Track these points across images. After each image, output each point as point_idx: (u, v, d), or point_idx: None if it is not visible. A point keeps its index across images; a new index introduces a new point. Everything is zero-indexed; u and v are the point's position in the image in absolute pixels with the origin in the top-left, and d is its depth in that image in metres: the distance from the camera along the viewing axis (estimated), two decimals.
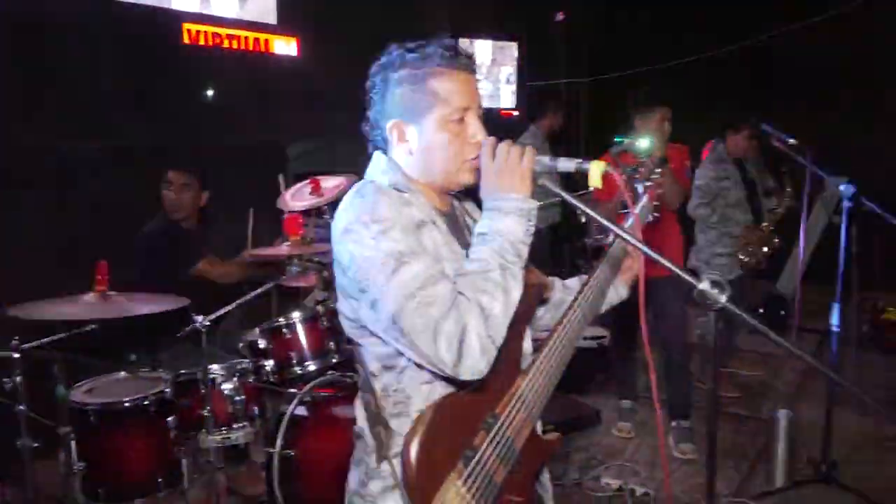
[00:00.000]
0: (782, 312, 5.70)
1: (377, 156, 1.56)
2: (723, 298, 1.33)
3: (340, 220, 1.43)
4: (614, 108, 7.67)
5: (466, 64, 1.50)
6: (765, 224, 4.51)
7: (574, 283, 1.88)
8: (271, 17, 4.87)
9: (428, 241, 1.43)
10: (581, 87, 8.23)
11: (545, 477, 1.76)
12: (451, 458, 1.42)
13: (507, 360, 1.53)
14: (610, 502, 3.36)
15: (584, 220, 4.89)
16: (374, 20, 5.42)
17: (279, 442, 2.84)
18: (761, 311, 5.76)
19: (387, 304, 1.34)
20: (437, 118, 1.47)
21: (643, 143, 2.98)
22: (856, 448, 3.74)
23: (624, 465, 3.65)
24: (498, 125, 7.13)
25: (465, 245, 1.57)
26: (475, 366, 1.32)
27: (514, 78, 7.55)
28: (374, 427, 1.52)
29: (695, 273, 4.98)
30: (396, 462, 1.44)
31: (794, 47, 6.79)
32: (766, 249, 4.46)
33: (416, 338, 1.32)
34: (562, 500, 3.36)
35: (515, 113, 7.54)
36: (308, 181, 3.69)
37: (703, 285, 1.33)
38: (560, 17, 7.90)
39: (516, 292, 1.39)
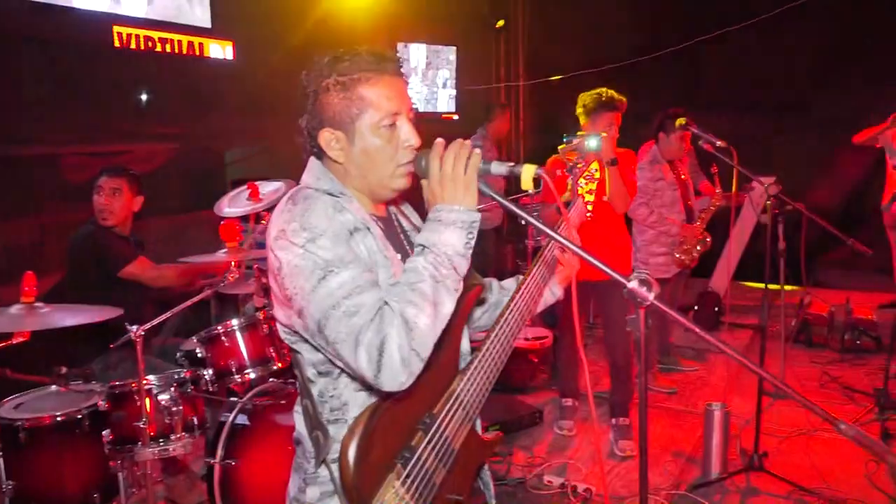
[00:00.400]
0: (716, 309, 5.88)
1: (311, 162, 1.56)
2: (651, 296, 1.36)
3: (272, 228, 1.43)
4: (550, 111, 7.85)
5: (395, 69, 1.50)
6: (697, 223, 4.65)
7: (510, 283, 1.90)
8: (206, 21, 4.78)
9: (361, 248, 1.43)
10: (518, 91, 8.32)
11: (486, 475, 1.78)
12: (389, 460, 1.43)
13: (444, 361, 1.55)
14: (553, 500, 3.41)
15: (523, 222, 4.96)
16: (312, 24, 5.40)
17: (220, 452, 2.80)
18: (696, 308, 5.93)
19: (312, 312, 1.35)
20: (368, 124, 1.47)
21: (591, 141, 2.96)
22: (785, 438, 3.89)
23: (566, 462, 3.71)
24: (437, 129, 7.19)
25: (402, 250, 1.58)
26: (395, 377, 1.30)
27: (450, 82, 7.59)
28: (312, 432, 1.52)
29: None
30: (335, 467, 1.44)
31: (723, 52, 7.01)
32: (699, 248, 4.60)
33: (340, 347, 1.33)
34: (505, 499, 3.39)
35: (455, 117, 7.59)
36: (246, 186, 3.65)
37: (632, 284, 1.37)
38: (499, 24, 7.98)
39: (448, 306, 1.37)
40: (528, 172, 1.40)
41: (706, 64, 7.22)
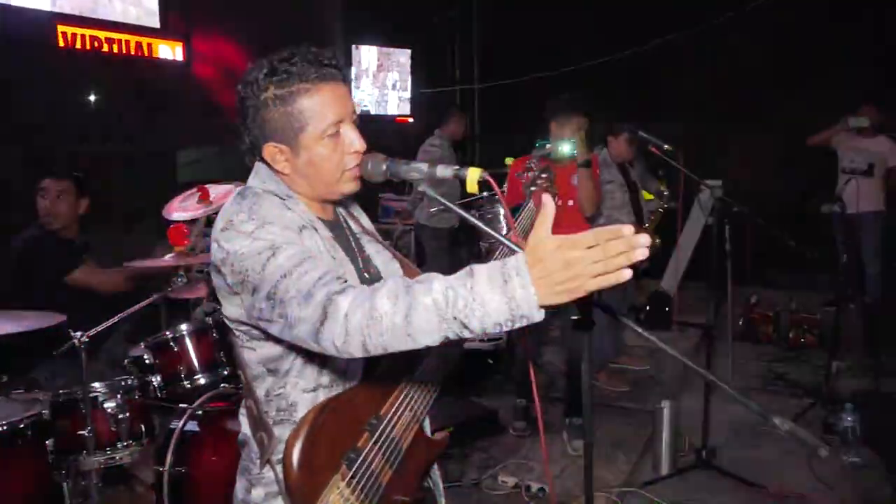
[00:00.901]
0: (667, 309, 5.99)
1: (258, 165, 1.55)
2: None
3: (219, 221, 1.42)
4: (506, 113, 7.92)
5: (334, 74, 1.47)
6: (646, 225, 4.74)
7: None
8: (154, 21, 4.70)
9: (309, 243, 1.43)
10: (473, 94, 8.36)
11: (435, 475, 1.79)
12: (334, 461, 1.43)
13: (393, 362, 1.55)
14: (507, 500, 3.44)
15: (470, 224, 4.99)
16: (264, 25, 5.34)
17: (169, 459, 2.74)
18: (647, 308, 6.03)
19: (265, 285, 1.32)
20: (311, 136, 1.45)
21: (564, 147, 2.96)
22: (733, 434, 3.99)
23: (520, 462, 3.74)
24: (393, 132, 7.21)
25: (350, 253, 1.58)
26: (334, 337, 1.19)
27: (400, 84, 7.60)
28: (256, 432, 1.51)
29: None
30: (279, 468, 1.44)
31: (676, 55, 7.15)
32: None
33: (289, 306, 1.26)
34: (460, 500, 3.41)
35: (410, 120, 7.60)
36: (196, 189, 3.59)
37: None
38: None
39: (424, 340, 1.16)
40: (473, 176, 1.41)
41: (660, 67, 7.34)
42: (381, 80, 7.40)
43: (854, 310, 5.65)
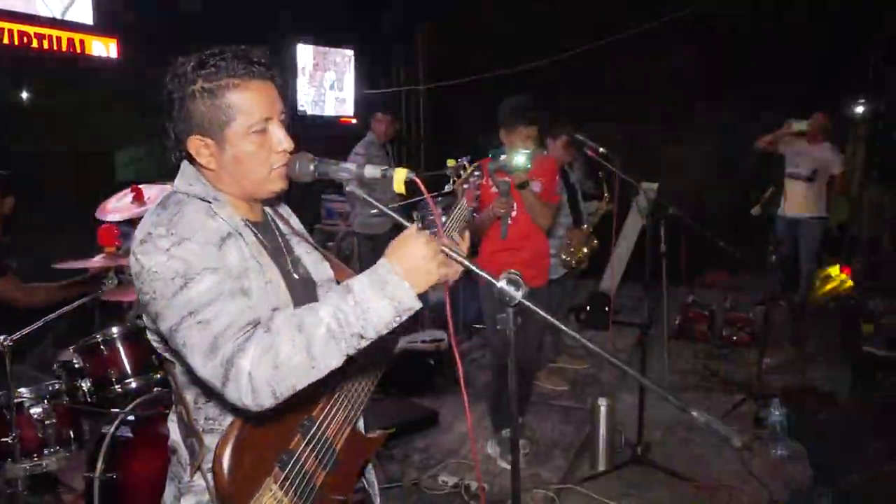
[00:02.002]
0: (605, 309, 6.10)
1: (184, 165, 1.52)
2: (519, 295, 1.41)
3: (139, 232, 1.39)
4: (452, 115, 7.96)
5: (262, 72, 1.46)
6: (585, 226, 4.82)
7: None
8: (87, 17, 4.57)
9: (232, 254, 1.41)
10: (419, 95, 8.37)
11: (371, 474, 1.79)
12: (266, 464, 1.43)
13: None
14: (447, 500, 3.46)
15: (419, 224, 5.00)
16: (201, 22, 5.26)
17: (100, 466, 2.68)
18: (587, 308, 6.14)
19: (168, 318, 1.32)
20: (238, 131, 1.44)
21: (519, 159, 2.78)
22: (667, 430, 4.09)
23: (460, 462, 3.76)
24: (337, 133, 7.16)
25: (280, 254, 1.57)
26: (239, 396, 1.26)
27: (337, 84, 7.56)
28: (186, 439, 1.49)
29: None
30: (210, 476, 1.42)
31: (615, 59, 7.28)
32: (585, 250, 4.77)
33: (191, 353, 1.30)
34: (399, 500, 3.42)
35: (354, 121, 7.57)
36: (130, 189, 3.51)
37: (501, 283, 1.42)
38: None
39: (332, 363, 1.28)
40: (399, 176, 1.42)
41: (603, 71, 7.46)
42: (318, 79, 7.34)
43: (783, 308, 5.86)
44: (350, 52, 7.61)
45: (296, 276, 1.58)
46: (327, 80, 7.44)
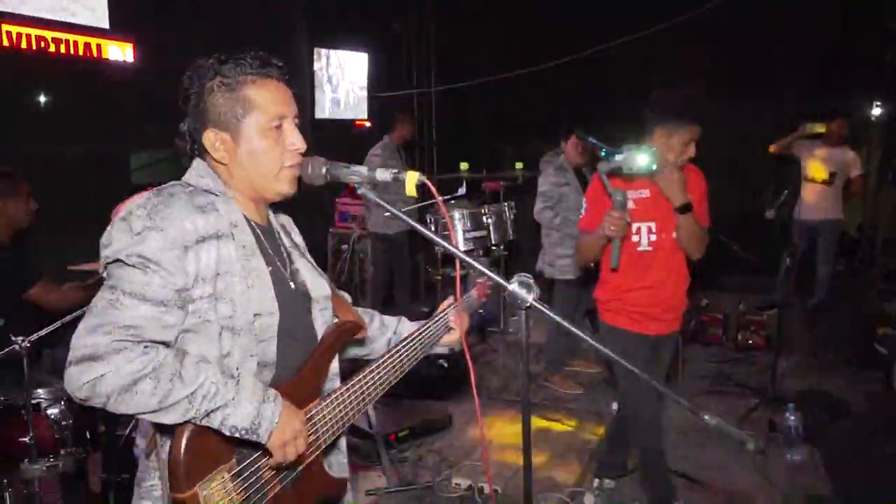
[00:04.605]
0: None
1: (196, 161, 1.55)
2: (530, 298, 1.42)
3: (126, 205, 1.42)
4: (463, 117, 7.95)
5: (280, 74, 1.51)
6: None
7: (392, 323, 1.95)
8: (104, 21, 4.62)
9: (203, 258, 1.41)
10: (431, 98, 8.38)
11: None
12: (225, 454, 1.42)
13: (304, 381, 1.56)
14: (460, 503, 3.46)
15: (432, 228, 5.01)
16: (220, 27, 5.30)
17: (115, 466, 2.71)
18: None
19: (107, 280, 1.38)
20: (253, 126, 1.48)
21: (641, 159, 2.38)
22: (681, 434, 4.07)
23: (474, 465, 3.76)
24: (352, 136, 7.19)
25: (281, 263, 1.58)
26: (75, 384, 1.31)
27: (357, 88, 7.60)
28: (154, 434, 1.49)
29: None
30: (165, 451, 1.41)
31: (632, 58, 7.24)
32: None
33: (88, 313, 1.35)
34: (413, 503, 3.43)
35: (368, 124, 7.59)
36: (145, 191, 3.54)
37: (513, 286, 1.42)
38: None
39: (160, 419, 1.34)
40: (411, 179, 1.44)
41: (616, 70, 7.43)
42: (333, 83, 7.38)
43: (797, 312, 5.81)
44: (364, 56, 7.64)
45: (292, 286, 1.59)
46: (346, 84, 7.47)
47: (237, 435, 1.37)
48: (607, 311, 3.05)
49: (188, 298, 1.38)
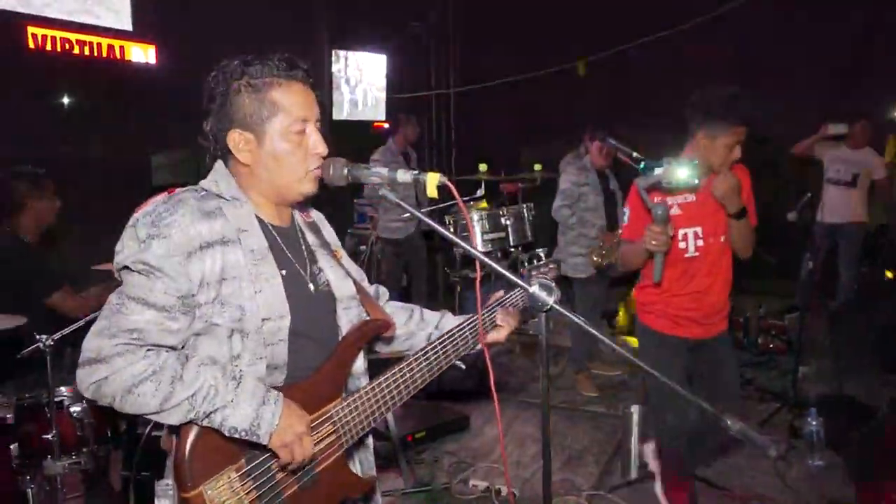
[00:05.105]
0: None
1: (217, 164, 1.56)
2: (551, 301, 1.41)
3: (138, 213, 1.45)
4: (482, 118, 7.94)
5: (304, 77, 1.52)
6: (619, 230, 4.77)
7: (433, 318, 1.88)
8: (126, 24, 4.67)
9: (207, 263, 1.42)
10: (450, 99, 8.38)
11: None
12: (234, 454, 1.43)
13: (324, 378, 1.55)
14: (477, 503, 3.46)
15: (451, 228, 5.01)
16: (238, 28, 5.34)
17: (136, 464, 2.73)
18: (619, 314, 6.09)
19: (122, 284, 1.44)
20: (278, 128, 1.48)
21: (682, 172, 2.27)
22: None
23: (491, 466, 3.75)
24: (370, 137, 7.21)
25: (299, 262, 1.57)
26: (84, 383, 1.39)
27: (376, 89, 7.61)
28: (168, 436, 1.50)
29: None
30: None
31: (654, 59, 7.19)
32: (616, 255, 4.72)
33: (100, 316, 1.42)
34: None
35: (386, 125, 7.61)
36: (167, 192, 3.57)
37: (533, 289, 1.41)
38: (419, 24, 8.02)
39: (162, 420, 1.39)
40: (432, 180, 1.43)
41: (636, 70, 7.39)
42: (355, 85, 7.40)
43: (819, 316, 5.73)
44: (383, 57, 7.66)
45: (312, 288, 1.58)
46: (365, 85, 7.50)
47: (237, 436, 1.39)
48: (648, 313, 2.99)
49: (194, 304, 1.42)
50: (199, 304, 1.42)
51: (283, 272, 1.51)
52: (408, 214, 5.29)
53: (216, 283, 1.42)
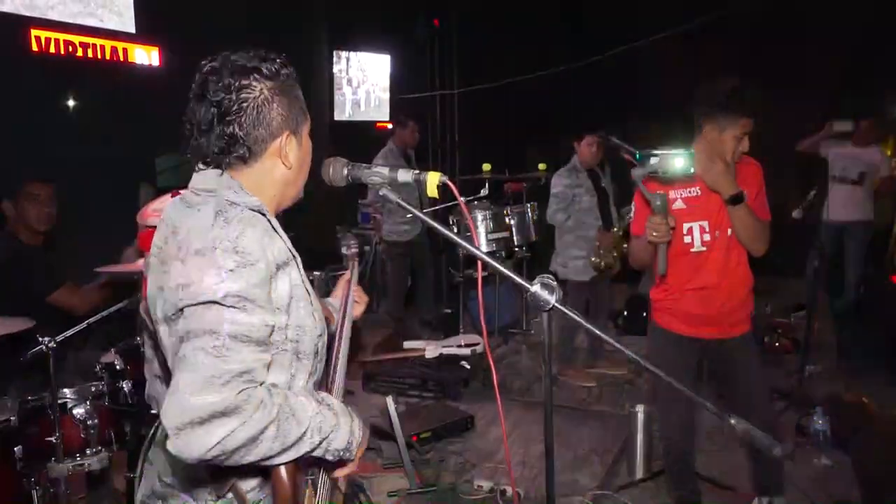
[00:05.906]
0: (644, 314, 6.01)
1: (223, 174, 1.38)
2: (553, 300, 1.40)
3: (194, 240, 1.27)
4: (486, 119, 7.93)
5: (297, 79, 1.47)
6: (615, 228, 4.77)
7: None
8: (129, 26, 4.68)
9: (281, 286, 1.33)
10: (453, 99, 8.36)
11: None
12: (303, 480, 1.42)
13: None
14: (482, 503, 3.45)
15: (455, 228, 5.01)
16: (241, 30, 5.34)
17: (140, 466, 2.72)
18: (625, 313, 6.07)
19: (192, 322, 1.23)
20: (307, 130, 1.46)
21: (677, 162, 2.21)
22: (707, 437, 4.01)
23: (496, 466, 3.74)
24: (373, 138, 7.21)
25: None
26: (189, 450, 1.18)
27: (378, 90, 7.61)
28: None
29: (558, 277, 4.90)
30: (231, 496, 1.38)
31: (656, 59, 7.18)
32: (615, 254, 4.72)
33: (186, 368, 1.20)
34: None
35: (390, 126, 7.61)
36: (171, 194, 3.57)
37: (535, 288, 1.40)
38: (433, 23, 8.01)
39: (276, 462, 1.28)
40: (433, 180, 1.43)
41: (640, 70, 7.37)
42: (357, 85, 7.40)
43: (826, 315, 5.71)
44: (387, 58, 7.66)
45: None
46: (363, 86, 7.49)
47: (331, 458, 1.37)
48: (659, 311, 2.97)
49: (272, 331, 1.32)
50: (274, 330, 1.32)
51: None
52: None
53: (286, 307, 1.34)
